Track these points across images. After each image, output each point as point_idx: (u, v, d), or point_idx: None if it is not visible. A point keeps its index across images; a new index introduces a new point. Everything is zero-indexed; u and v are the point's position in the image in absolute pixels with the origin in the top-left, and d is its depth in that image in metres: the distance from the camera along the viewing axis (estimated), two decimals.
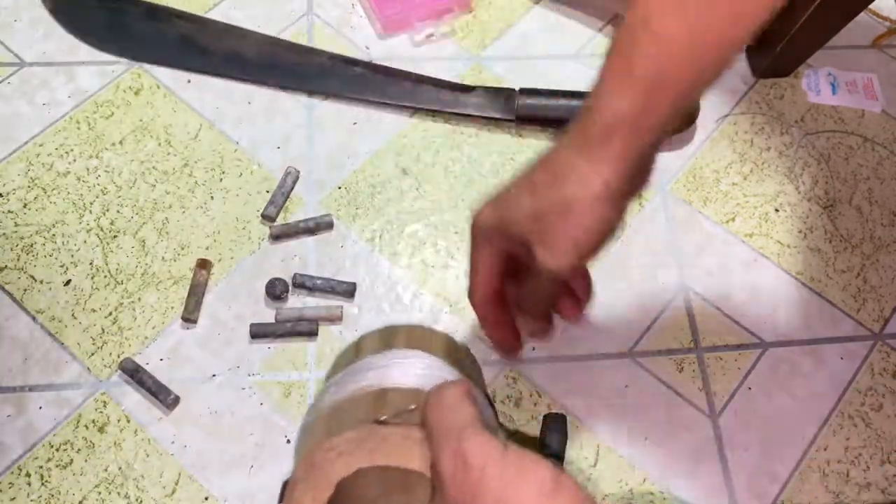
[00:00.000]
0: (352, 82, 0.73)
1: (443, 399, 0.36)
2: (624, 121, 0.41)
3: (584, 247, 0.43)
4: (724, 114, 0.76)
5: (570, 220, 0.42)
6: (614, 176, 0.41)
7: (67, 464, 0.57)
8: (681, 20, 0.40)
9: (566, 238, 0.42)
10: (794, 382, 0.64)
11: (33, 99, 0.71)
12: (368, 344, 0.48)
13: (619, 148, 0.41)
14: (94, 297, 0.63)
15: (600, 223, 0.42)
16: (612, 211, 0.42)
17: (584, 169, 0.42)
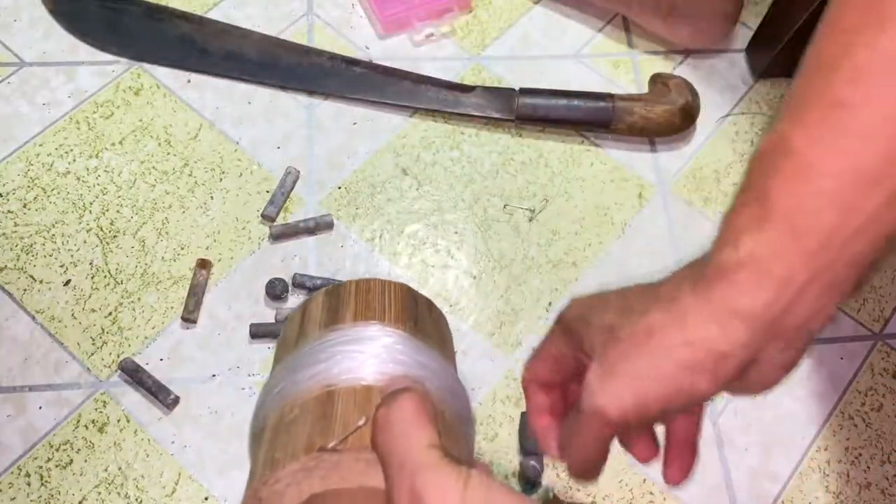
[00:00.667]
0: (352, 82, 0.73)
1: (392, 423, 0.32)
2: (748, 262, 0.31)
3: (648, 395, 0.32)
4: (724, 114, 0.76)
5: (644, 352, 0.33)
6: (719, 333, 0.31)
7: (67, 464, 0.57)
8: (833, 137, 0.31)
9: (630, 370, 0.33)
10: (794, 382, 0.63)
11: (33, 99, 0.71)
12: (314, 318, 0.41)
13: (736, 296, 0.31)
14: (93, 297, 0.62)
15: (677, 377, 0.32)
16: (699, 373, 0.32)
17: (688, 308, 0.33)
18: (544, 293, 0.65)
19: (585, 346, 0.36)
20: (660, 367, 0.32)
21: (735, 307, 0.31)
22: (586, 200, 0.70)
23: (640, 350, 0.33)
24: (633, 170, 0.72)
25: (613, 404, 0.33)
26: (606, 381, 0.33)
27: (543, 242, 0.67)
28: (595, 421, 0.34)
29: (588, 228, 0.69)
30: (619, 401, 0.33)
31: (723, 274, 0.32)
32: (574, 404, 0.37)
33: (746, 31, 0.80)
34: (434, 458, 0.30)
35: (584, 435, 0.35)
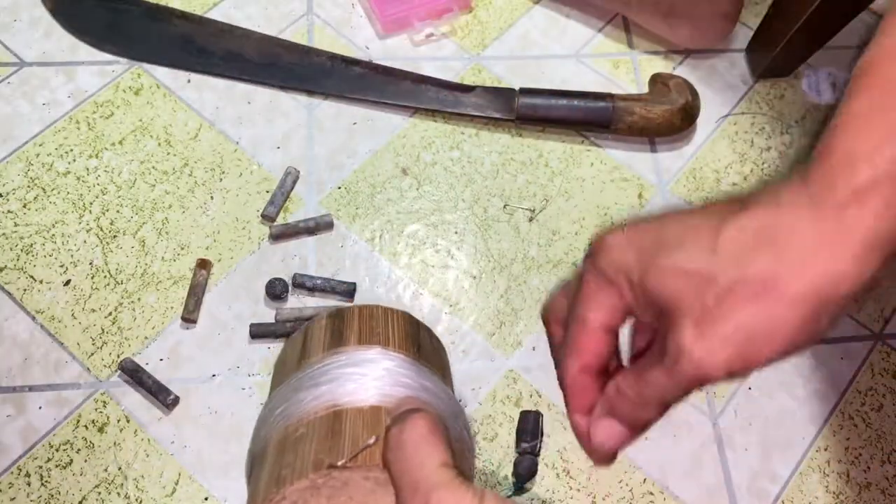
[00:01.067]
0: (352, 82, 0.73)
1: (405, 441, 0.32)
2: (888, 179, 0.27)
3: (760, 355, 0.28)
4: (724, 114, 0.76)
5: (755, 306, 0.28)
6: (851, 268, 0.27)
7: (67, 464, 0.57)
8: None
9: (738, 330, 0.28)
10: (794, 382, 0.63)
11: (33, 99, 0.71)
12: (317, 340, 0.41)
13: (871, 222, 0.27)
14: (93, 297, 0.62)
15: (798, 331, 0.28)
16: (823, 319, 0.28)
17: (811, 245, 0.28)
18: (544, 293, 0.65)
19: (657, 296, 0.30)
20: (778, 325, 0.28)
21: (874, 237, 0.27)
22: (586, 200, 0.70)
23: (752, 304, 0.28)
24: (633, 170, 0.72)
25: (716, 365, 0.28)
26: (709, 340, 0.28)
27: (543, 242, 0.67)
28: (692, 382, 0.29)
29: (588, 228, 0.69)
30: (725, 361, 0.28)
31: (857, 197, 0.27)
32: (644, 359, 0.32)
33: (746, 31, 0.80)
34: (448, 477, 0.29)
35: (666, 390, 0.30)
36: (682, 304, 0.29)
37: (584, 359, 0.33)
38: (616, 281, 0.32)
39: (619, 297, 0.32)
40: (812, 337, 0.28)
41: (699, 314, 0.29)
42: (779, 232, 0.28)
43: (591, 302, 0.33)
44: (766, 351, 0.28)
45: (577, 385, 0.34)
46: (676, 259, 0.30)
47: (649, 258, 0.30)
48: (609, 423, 0.33)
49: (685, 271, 0.29)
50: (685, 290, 0.29)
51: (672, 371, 0.29)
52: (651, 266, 0.30)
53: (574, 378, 0.34)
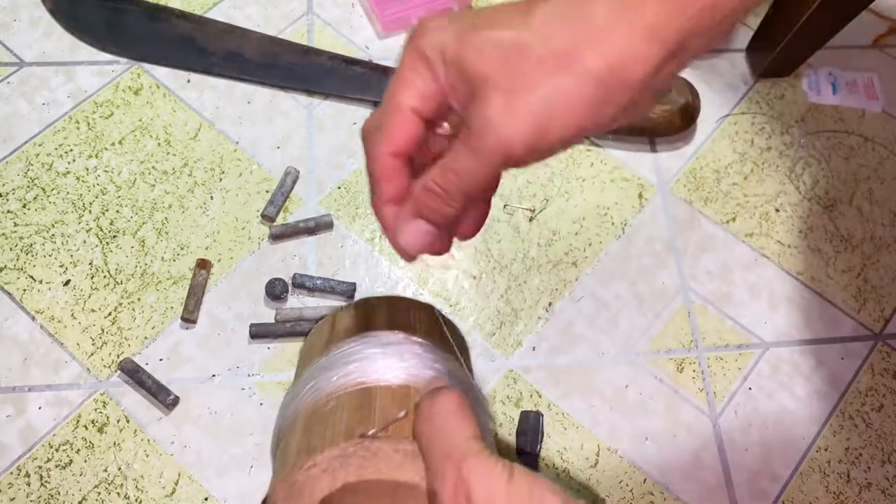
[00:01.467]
0: (352, 82, 0.73)
1: (436, 414, 0.33)
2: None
3: (555, 127, 0.30)
4: (724, 113, 0.76)
5: (556, 79, 0.29)
6: (636, 52, 0.29)
7: (67, 464, 0.56)
8: None
9: (540, 101, 0.29)
10: (794, 383, 0.63)
11: (33, 99, 0.71)
12: (345, 324, 0.42)
13: (652, 13, 0.29)
14: (93, 297, 0.62)
15: (589, 108, 0.29)
16: (610, 102, 0.30)
17: (603, 26, 0.29)
18: (544, 293, 0.65)
19: (473, 73, 0.30)
20: (573, 99, 0.29)
21: (654, 28, 0.29)
22: (586, 200, 0.70)
23: (555, 75, 0.29)
24: (633, 170, 0.72)
25: (520, 136, 0.29)
26: (514, 110, 0.29)
27: (543, 242, 0.67)
28: (496, 156, 0.30)
29: (588, 228, 0.69)
30: (528, 132, 0.29)
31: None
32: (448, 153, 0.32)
33: (747, 31, 0.80)
34: (479, 448, 0.30)
35: (472, 178, 0.31)
36: (493, 76, 0.30)
37: (396, 143, 0.33)
38: (432, 60, 0.32)
39: (433, 80, 0.32)
40: (604, 117, 0.30)
41: (507, 86, 0.29)
42: (579, 12, 0.29)
43: (406, 85, 0.32)
44: (563, 124, 0.29)
45: (388, 169, 0.34)
46: (491, 34, 0.30)
47: (466, 34, 0.31)
48: (417, 224, 0.33)
49: (498, 44, 0.30)
50: (497, 62, 0.30)
51: (477, 148, 0.30)
52: (466, 42, 0.31)
53: (384, 163, 0.34)
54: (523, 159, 0.30)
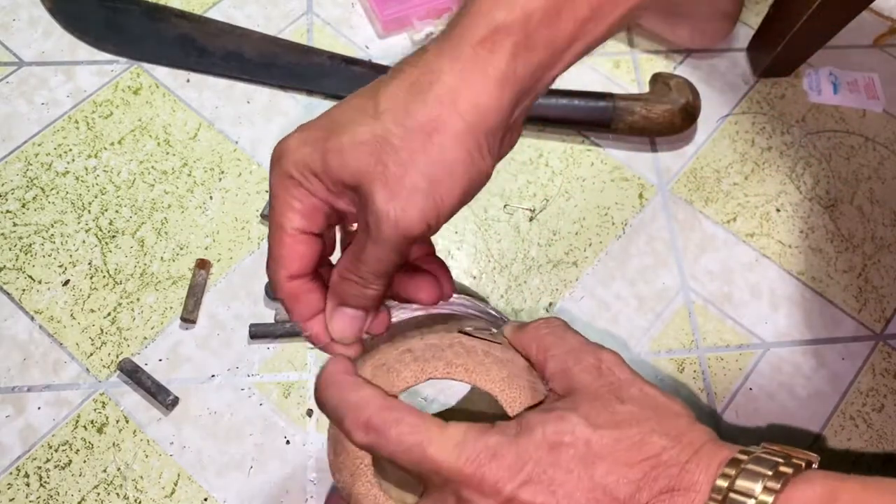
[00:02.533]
0: (352, 82, 0.73)
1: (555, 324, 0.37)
2: (519, 27, 0.30)
3: (446, 198, 0.31)
4: (724, 113, 0.76)
5: (429, 154, 0.30)
6: (493, 104, 0.31)
7: (66, 464, 0.56)
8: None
9: (422, 179, 0.30)
10: (795, 383, 0.63)
11: (32, 98, 0.71)
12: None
13: (504, 66, 0.30)
14: (92, 297, 0.62)
15: (467, 166, 0.31)
16: (480, 154, 0.31)
17: (456, 86, 0.30)
18: (544, 293, 0.65)
19: (345, 177, 0.31)
20: (452, 165, 0.30)
21: (505, 74, 0.30)
22: (586, 200, 0.70)
23: (426, 152, 0.30)
24: (633, 170, 0.72)
25: (416, 216, 0.30)
26: (402, 198, 0.30)
27: (543, 242, 0.67)
28: (399, 241, 0.31)
29: (588, 228, 0.68)
30: (421, 210, 0.30)
31: (494, 39, 0.30)
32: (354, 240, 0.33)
33: (747, 31, 0.80)
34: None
35: (375, 263, 0.32)
36: (367, 173, 0.30)
37: (290, 267, 0.34)
38: (302, 179, 0.32)
39: (308, 195, 0.33)
40: (481, 170, 0.31)
41: (384, 177, 0.30)
42: (428, 80, 0.30)
43: (284, 207, 0.33)
44: (450, 193, 0.31)
45: (293, 292, 0.34)
46: (347, 137, 0.31)
47: (324, 144, 0.31)
48: (343, 311, 0.34)
49: (358, 143, 0.31)
50: (363, 160, 0.30)
51: (379, 239, 0.31)
52: (328, 151, 0.31)
53: (287, 288, 0.34)
54: (426, 233, 0.31)
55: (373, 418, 0.31)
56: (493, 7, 0.31)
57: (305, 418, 0.59)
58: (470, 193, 0.32)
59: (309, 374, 0.60)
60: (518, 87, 0.31)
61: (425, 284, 0.36)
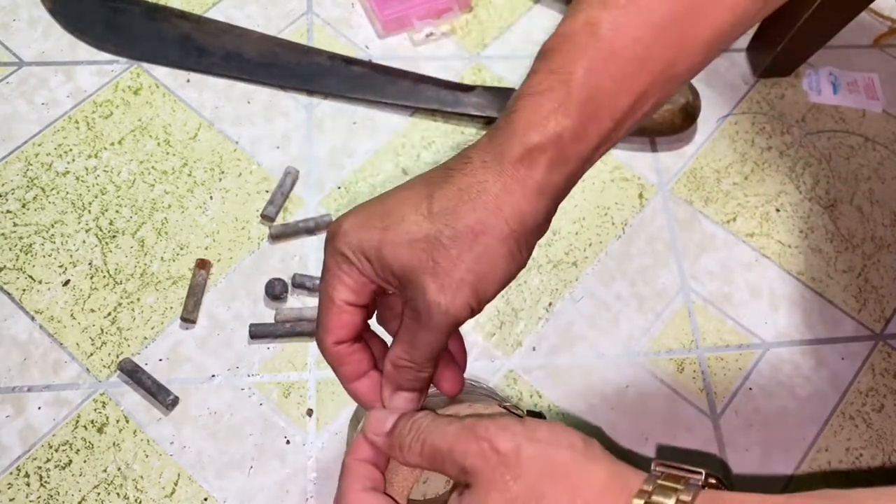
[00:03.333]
0: (352, 82, 0.73)
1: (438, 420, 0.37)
2: (552, 146, 0.35)
3: (489, 288, 0.36)
4: (724, 113, 0.76)
5: (477, 253, 0.35)
6: (532, 210, 0.36)
7: (66, 464, 0.56)
8: (639, 26, 0.35)
9: (469, 274, 0.35)
10: (795, 383, 0.63)
11: (32, 98, 0.71)
12: None
13: (540, 178, 0.35)
14: (93, 297, 0.62)
15: (508, 262, 0.36)
16: (520, 251, 0.36)
17: (500, 195, 0.35)
18: (544, 293, 0.65)
19: (397, 267, 0.36)
20: (495, 260, 0.35)
21: (543, 185, 0.35)
22: (586, 200, 0.70)
23: (473, 251, 0.35)
24: (633, 170, 0.72)
25: (462, 306, 0.35)
26: (451, 290, 0.35)
27: (543, 242, 0.67)
28: (448, 327, 0.36)
29: (588, 228, 0.68)
30: (467, 300, 0.35)
31: (531, 156, 0.35)
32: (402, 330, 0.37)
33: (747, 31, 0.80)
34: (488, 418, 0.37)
35: (425, 346, 0.37)
36: (418, 267, 0.35)
37: (336, 334, 0.38)
38: (355, 260, 0.37)
39: (359, 274, 0.37)
40: (520, 264, 0.37)
41: (433, 271, 0.35)
42: (476, 189, 0.35)
43: (335, 282, 0.38)
44: (493, 284, 0.36)
45: (338, 356, 0.39)
46: (402, 231, 0.36)
47: (380, 235, 0.36)
48: (400, 395, 0.39)
49: (411, 240, 0.35)
50: (416, 255, 0.35)
51: (430, 326, 0.35)
52: (383, 243, 0.36)
53: (333, 352, 0.39)
54: (470, 317, 0.36)
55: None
56: (528, 129, 0.35)
57: (305, 418, 0.59)
58: (508, 282, 0.37)
59: (309, 374, 0.61)
60: (554, 194, 0.37)
61: (450, 374, 0.41)
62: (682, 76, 0.37)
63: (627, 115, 0.36)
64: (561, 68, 0.35)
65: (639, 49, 0.35)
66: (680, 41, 0.36)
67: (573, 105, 0.35)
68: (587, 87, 0.35)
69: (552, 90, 0.35)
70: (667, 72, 0.36)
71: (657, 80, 0.36)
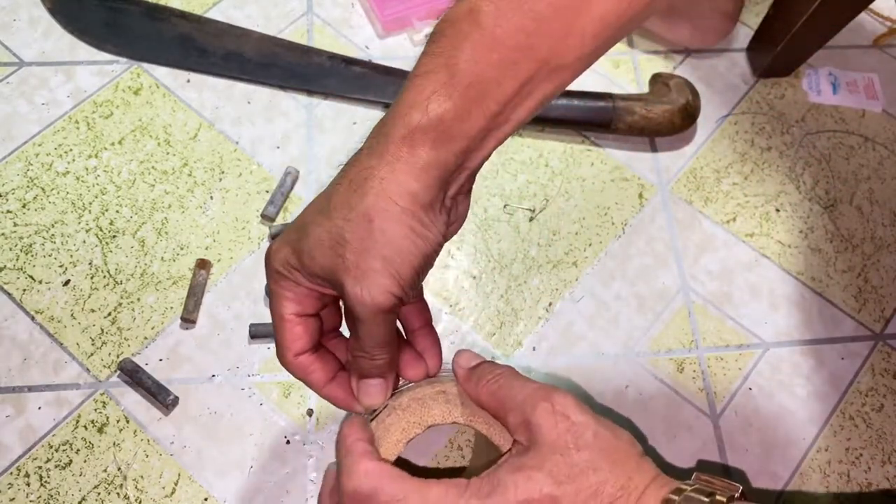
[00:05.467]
0: (352, 82, 0.73)
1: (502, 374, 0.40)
2: (433, 126, 0.36)
3: (403, 270, 0.36)
4: (724, 113, 0.76)
5: (375, 238, 0.36)
6: (421, 187, 0.36)
7: (66, 464, 0.56)
8: (516, 16, 0.35)
9: (376, 260, 0.36)
10: (794, 383, 0.63)
11: (32, 98, 0.71)
12: None
13: (425, 156, 0.36)
14: (93, 297, 0.62)
15: (412, 240, 0.36)
16: (423, 227, 0.37)
17: (385, 177, 0.36)
18: (544, 293, 0.65)
19: (319, 274, 0.38)
20: (397, 242, 0.36)
21: (429, 163, 0.36)
22: (586, 200, 0.70)
23: (372, 238, 0.36)
24: (633, 170, 0.72)
25: (382, 295, 0.36)
26: (365, 280, 0.36)
27: (543, 242, 0.67)
28: (376, 314, 0.37)
29: (588, 228, 0.68)
30: (385, 290, 0.36)
31: (413, 136, 0.36)
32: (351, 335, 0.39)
33: (747, 31, 0.80)
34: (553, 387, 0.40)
35: (369, 339, 0.38)
36: (333, 267, 0.36)
37: (293, 347, 0.41)
38: (287, 273, 0.39)
39: (295, 285, 0.39)
40: (429, 240, 0.37)
41: (345, 267, 0.36)
42: (363, 176, 0.36)
43: (279, 298, 0.40)
44: (406, 265, 0.36)
45: (301, 368, 0.42)
46: (312, 238, 0.37)
47: (297, 246, 0.38)
48: (366, 383, 0.41)
49: (319, 243, 0.37)
50: (327, 256, 0.37)
51: (361, 318, 0.37)
52: (300, 253, 0.38)
53: (294, 364, 0.41)
54: (396, 303, 0.37)
55: (360, 486, 0.37)
56: (410, 109, 0.36)
57: (305, 418, 0.59)
58: (426, 261, 0.37)
59: None
60: (443, 170, 0.36)
61: (411, 362, 0.43)
62: (572, 65, 0.37)
63: (513, 100, 0.37)
64: (444, 52, 0.36)
65: (521, 38, 0.35)
66: (565, 31, 0.36)
67: (455, 88, 0.36)
68: (469, 73, 0.35)
69: (435, 72, 0.36)
70: (553, 61, 0.36)
71: (542, 68, 0.36)
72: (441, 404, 0.43)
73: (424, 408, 0.43)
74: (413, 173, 0.36)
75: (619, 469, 0.36)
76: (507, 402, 0.39)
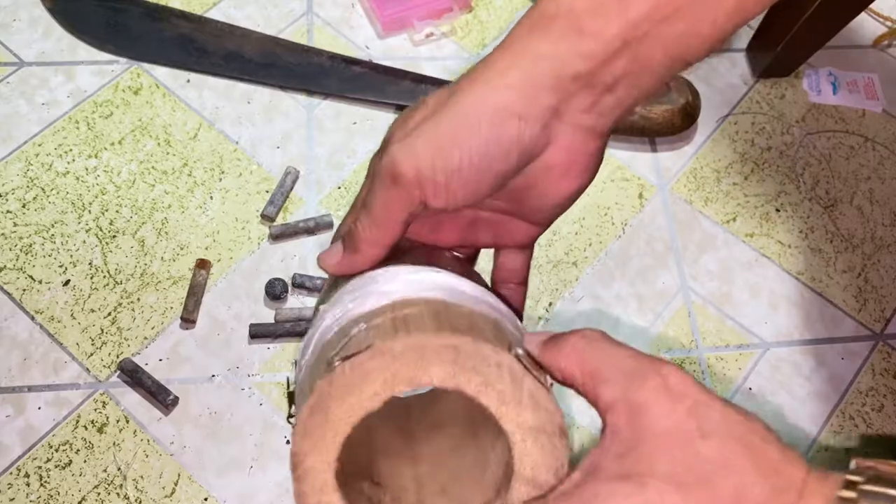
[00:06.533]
0: (352, 82, 0.73)
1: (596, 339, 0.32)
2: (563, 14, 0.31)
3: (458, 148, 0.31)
4: (724, 113, 0.76)
5: (450, 107, 0.31)
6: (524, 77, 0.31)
7: (66, 464, 0.56)
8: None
9: (432, 127, 0.32)
10: (794, 383, 0.63)
11: (32, 98, 0.71)
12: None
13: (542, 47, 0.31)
14: (93, 297, 0.62)
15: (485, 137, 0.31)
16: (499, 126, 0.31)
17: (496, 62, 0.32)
18: (544, 293, 0.65)
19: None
20: (464, 119, 0.31)
21: (544, 52, 0.31)
22: (586, 200, 0.70)
23: (444, 109, 0.31)
24: (633, 170, 0.72)
25: (408, 162, 0.31)
26: (405, 142, 0.31)
27: (543, 242, 0.67)
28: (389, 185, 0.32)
29: (588, 228, 0.68)
30: (415, 159, 0.31)
31: (535, 25, 0.31)
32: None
33: (747, 31, 0.80)
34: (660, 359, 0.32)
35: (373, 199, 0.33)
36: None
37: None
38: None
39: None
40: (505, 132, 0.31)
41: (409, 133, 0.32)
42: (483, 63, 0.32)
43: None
44: (464, 146, 0.31)
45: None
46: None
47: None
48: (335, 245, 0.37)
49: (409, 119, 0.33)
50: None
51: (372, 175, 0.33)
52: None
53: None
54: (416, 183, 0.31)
55: None
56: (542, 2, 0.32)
57: None
58: (497, 156, 0.31)
59: None
60: (560, 66, 0.31)
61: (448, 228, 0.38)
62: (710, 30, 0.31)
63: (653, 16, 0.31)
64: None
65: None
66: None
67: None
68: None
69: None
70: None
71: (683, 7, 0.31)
72: (446, 364, 0.31)
73: (422, 361, 0.31)
74: (524, 60, 0.31)
75: (762, 464, 0.29)
76: (601, 372, 0.31)
